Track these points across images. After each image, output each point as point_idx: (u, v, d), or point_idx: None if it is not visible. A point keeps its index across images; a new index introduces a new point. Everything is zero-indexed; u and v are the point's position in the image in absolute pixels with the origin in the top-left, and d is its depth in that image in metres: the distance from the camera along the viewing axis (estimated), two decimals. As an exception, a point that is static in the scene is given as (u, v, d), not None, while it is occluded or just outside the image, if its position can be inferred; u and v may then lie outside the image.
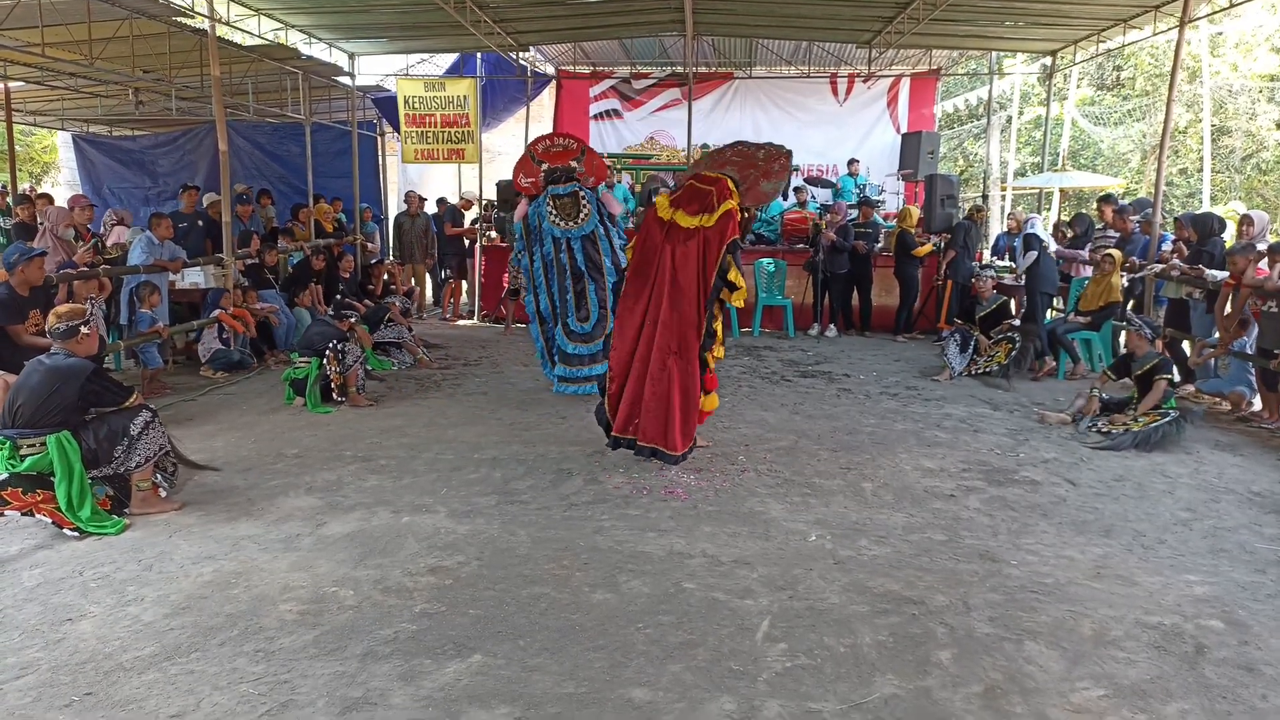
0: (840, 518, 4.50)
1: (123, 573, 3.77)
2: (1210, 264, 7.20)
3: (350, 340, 6.92)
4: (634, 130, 15.33)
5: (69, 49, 8.96)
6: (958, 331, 8.27)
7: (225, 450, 5.60)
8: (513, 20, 11.04)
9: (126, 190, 14.82)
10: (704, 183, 5.38)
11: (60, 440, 4.17)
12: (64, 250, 7.27)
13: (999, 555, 4.04)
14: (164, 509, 4.48)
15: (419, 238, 12.04)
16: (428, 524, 4.34)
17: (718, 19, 11.50)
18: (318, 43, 11.56)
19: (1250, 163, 20.07)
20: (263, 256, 9.25)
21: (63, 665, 3.03)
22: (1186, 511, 4.69)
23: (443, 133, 12.06)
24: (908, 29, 10.74)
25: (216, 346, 8.07)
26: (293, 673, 2.99)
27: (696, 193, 5.36)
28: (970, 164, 22.59)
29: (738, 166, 5.50)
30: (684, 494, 4.82)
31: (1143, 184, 19.22)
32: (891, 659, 3.12)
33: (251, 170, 14.13)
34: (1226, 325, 6.76)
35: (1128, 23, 10.05)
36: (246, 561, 3.89)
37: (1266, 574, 3.90)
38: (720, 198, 5.24)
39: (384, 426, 6.18)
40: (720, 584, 3.70)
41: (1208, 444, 6.01)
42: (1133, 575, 3.85)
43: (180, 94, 11.59)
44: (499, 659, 3.09)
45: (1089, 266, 8.79)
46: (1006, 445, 5.88)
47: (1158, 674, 3.04)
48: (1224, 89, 19.38)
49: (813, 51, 14.66)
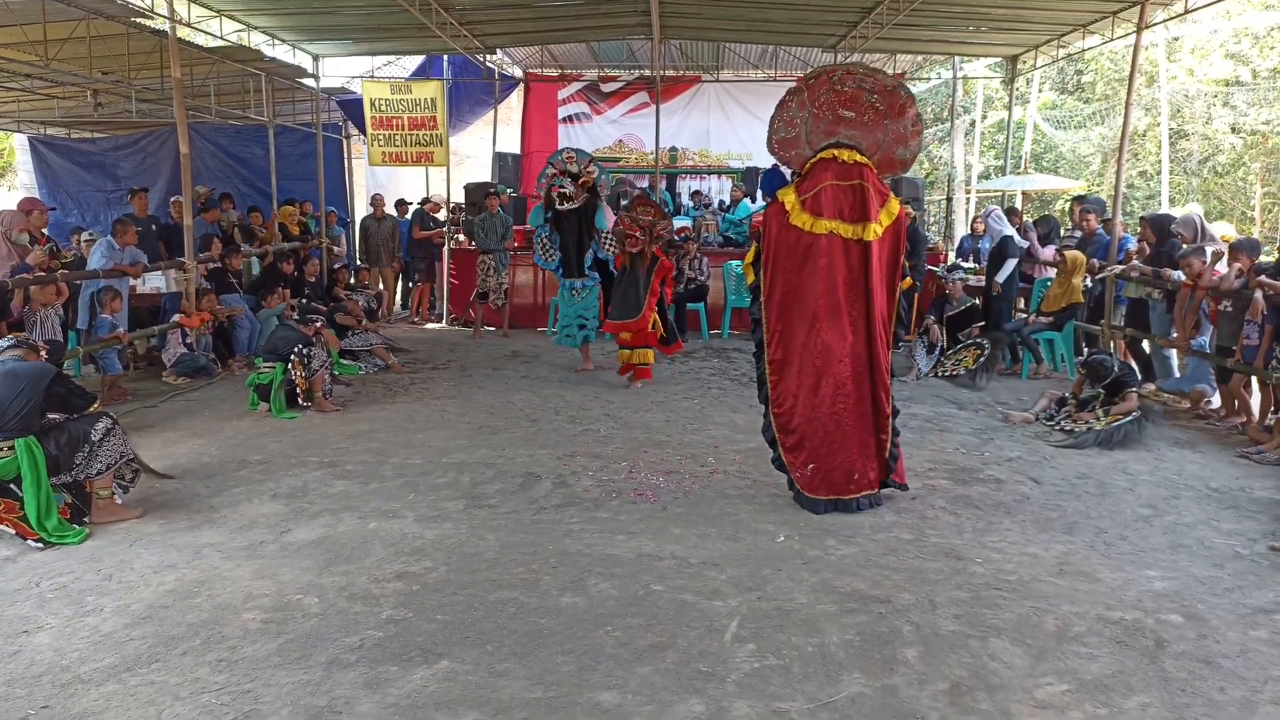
0: (808, 518, 4.51)
1: (81, 583, 3.70)
2: (1170, 265, 7.32)
3: (316, 345, 6.84)
4: (603, 133, 15.36)
5: (24, 49, 8.78)
6: (925, 335, 8.39)
7: (187, 457, 5.51)
8: (479, 23, 10.99)
9: (87, 193, 14.53)
10: (843, 176, 4.27)
11: (29, 444, 4.09)
12: (18, 255, 7.12)
13: (964, 553, 4.09)
14: (125, 516, 4.40)
15: (385, 241, 11.94)
16: (395, 529, 4.30)
17: (684, 23, 11.53)
18: (281, 44, 11.43)
19: (1207, 165, 20.49)
20: (226, 260, 9.12)
21: (18, 678, 2.96)
22: (1147, 508, 4.77)
23: (410, 135, 11.97)
24: (872, 34, 10.84)
25: (181, 351, 7.95)
26: (256, 682, 2.95)
27: (843, 191, 4.28)
28: (935, 167, 22.83)
29: (859, 128, 4.32)
30: (653, 496, 4.81)
31: (1104, 186, 19.55)
32: (858, 658, 3.14)
33: (215, 173, 13.93)
34: (1184, 326, 6.90)
35: (1087, 28, 10.22)
36: (209, 570, 3.83)
37: (1224, 568, 3.97)
38: (880, 197, 4.28)
39: (351, 431, 6.12)
40: (689, 585, 3.70)
41: (1168, 442, 6.11)
42: (1095, 571, 3.91)
43: (140, 96, 11.39)
44: (466, 665, 3.07)
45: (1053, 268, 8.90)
46: (971, 444, 5.95)
47: (1119, 668, 3.09)
48: (1181, 93, 19.77)
49: (779, 56, 14.75)
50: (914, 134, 4.33)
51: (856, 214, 4.29)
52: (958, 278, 8.61)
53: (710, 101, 15.24)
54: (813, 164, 4.35)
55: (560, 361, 8.72)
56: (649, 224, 7.40)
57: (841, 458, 4.51)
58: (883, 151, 4.36)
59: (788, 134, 4.45)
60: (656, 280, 7.43)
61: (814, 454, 4.53)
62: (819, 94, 4.35)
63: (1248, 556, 4.11)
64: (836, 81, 4.32)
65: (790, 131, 4.44)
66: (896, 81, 4.36)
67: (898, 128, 4.32)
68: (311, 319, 7.19)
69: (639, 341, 7.48)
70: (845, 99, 4.30)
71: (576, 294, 8.17)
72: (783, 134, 4.46)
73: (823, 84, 4.35)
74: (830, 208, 4.30)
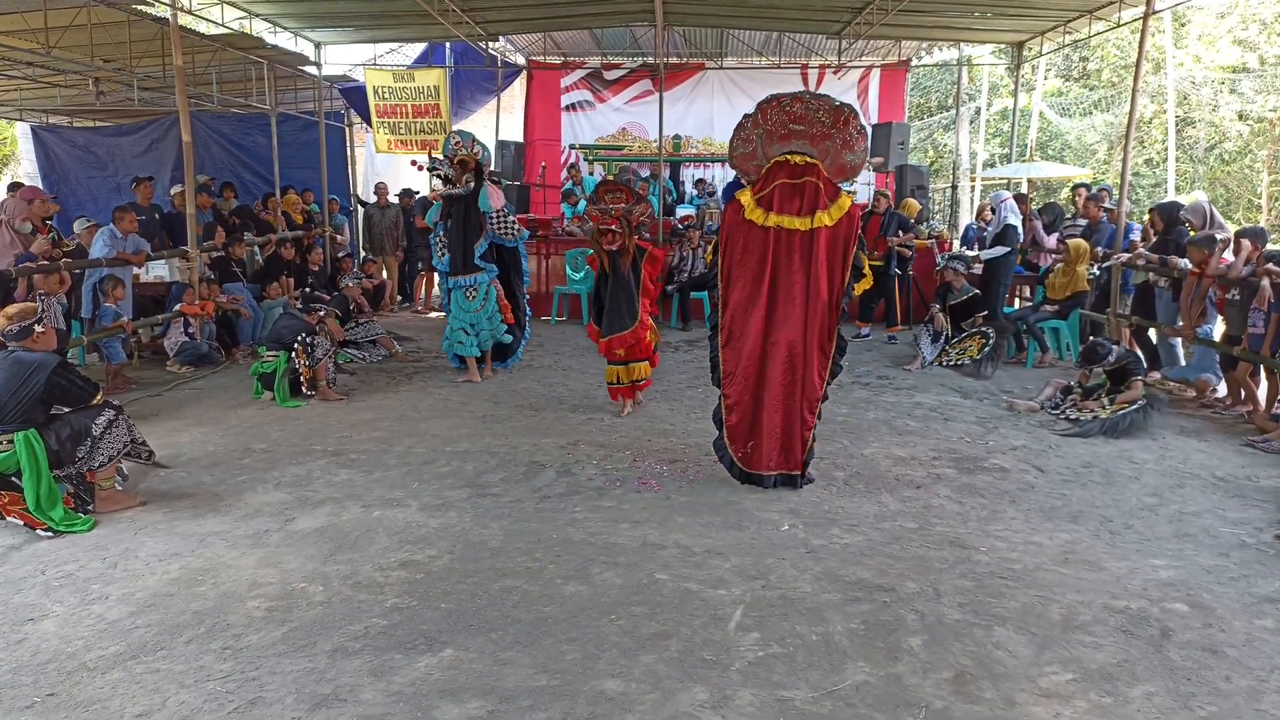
0: (812, 507, 4.52)
1: (86, 571, 3.71)
2: (1177, 252, 7.28)
3: (319, 333, 6.84)
4: (606, 121, 15.29)
5: (25, 37, 8.75)
6: (930, 323, 8.36)
7: (192, 446, 5.52)
8: (481, 9, 10.94)
9: (94, 181, 14.50)
10: (795, 175, 4.65)
11: (28, 438, 4.09)
12: (21, 244, 7.12)
13: (969, 542, 4.08)
14: (128, 504, 4.41)
15: (389, 230, 11.91)
16: (399, 518, 4.30)
17: (688, 9, 11.47)
18: (283, 32, 11.38)
19: (1213, 153, 20.40)
20: (229, 249, 9.12)
21: (24, 666, 2.97)
22: (1152, 497, 4.76)
23: (414, 123, 11.95)
24: (877, 20, 10.77)
25: (183, 339, 7.96)
26: (261, 670, 2.95)
27: (794, 189, 4.64)
28: (940, 155, 22.75)
29: (809, 139, 4.71)
30: (657, 485, 4.81)
31: (1109, 174, 19.46)
32: (863, 646, 3.14)
33: (219, 161, 13.89)
34: (1190, 314, 6.87)
35: (1093, 14, 10.14)
36: (213, 558, 3.83)
37: (1230, 557, 3.96)
38: (829, 194, 4.63)
39: (354, 420, 6.12)
40: (693, 574, 3.70)
41: (1173, 430, 6.09)
42: (1100, 560, 3.90)
43: (142, 84, 11.34)
44: (470, 653, 3.07)
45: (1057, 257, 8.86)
46: (976, 433, 5.94)
47: (1124, 657, 3.08)
48: (1187, 80, 19.67)
49: (783, 42, 14.68)
50: (859, 140, 4.72)
51: (807, 208, 4.64)
52: (960, 265, 8.57)
53: (714, 89, 15.16)
54: (768, 168, 4.74)
55: (564, 350, 8.71)
56: (623, 212, 6.04)
57: (772, 437, 4.78)
58: (832, 158, 4.71)
59: (745, 149, 4.87)
60: (647, 275, 6.22)
61: (754, 432, 4.82)
62: (770, 114, 4.77)
63: (1253, 545, 4.10)
64: (786, 105, 4.76)
65: (747, 147, 4.85)
66: (841, 102, 4.78)
67: (844, 136, 4.70)
68: (315, 308, 7.18)
69: (635, 354, 6.22)
70: (794, 117, 4.74)
71: (469, 294, 7.16)
72: (741, 150, 4.88)
73: (774, 107, 4.77)
74: (781, 204, 4.66)
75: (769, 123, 4.76)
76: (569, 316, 10.76)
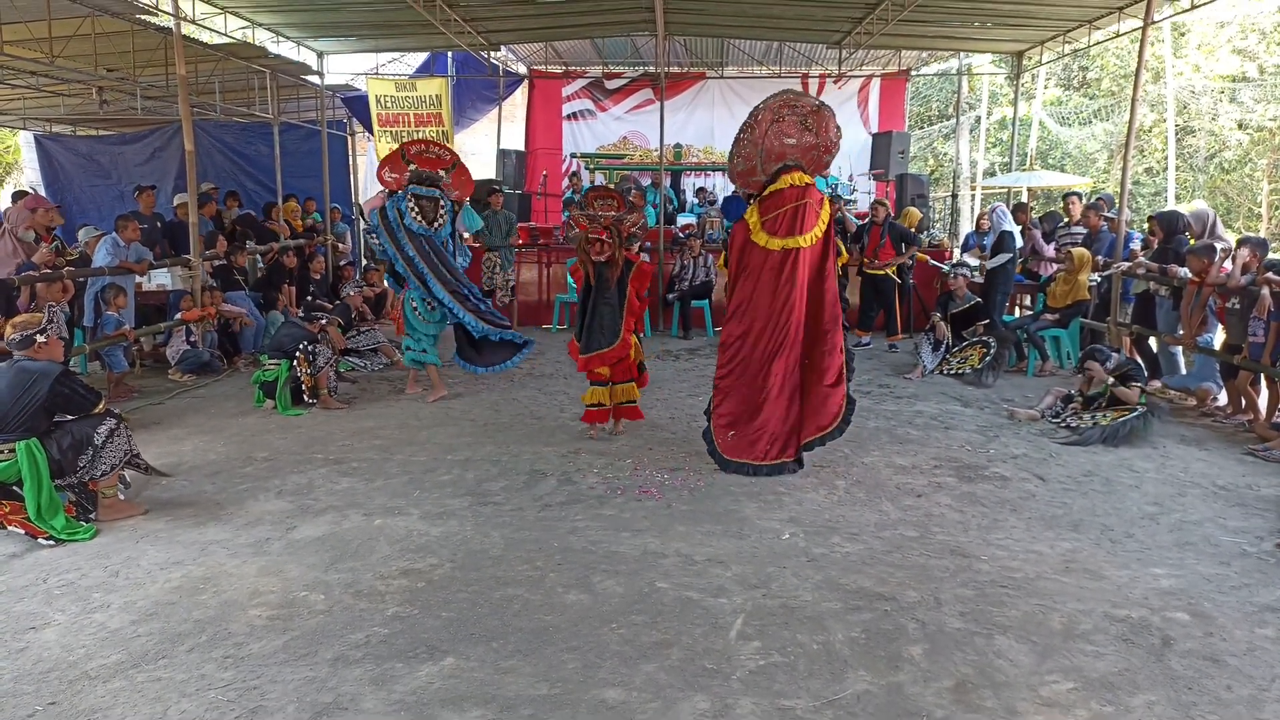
0: (813, 515, 4.52)
1: (88, 579, 3.71)
2: (1177, 261, 7.30)
3: (321, 342, 6.85)
4: (607, 130, 15.35)
5: (29, 47, 8.80)
6: (932, 332, 8.37)
7: (193, 454, 5.53)
8: (483, 19, 10.99)
9: (97, 190, 14.55)
10: (796, 199, 5.11)
11: (30, 447, 4.10)
12: (24, 252, 7.13)
13: (969, 551, 4.08)
14: (130, 513, 4.41)
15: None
16: (400, 526, 4.31)
17: (688, 19, 11.52)
18: (285, 41, 11.44)
19: (1213, 162, 20.43)
20: (231, 257, 9.14)
21: (25, 674, 2.98)
22: (1153, 506, 4.76)
23: (416, 132, 11.96)
24: (877, 29, 10.82)
25: (185, 347, 7.97)
26: (262, 678, 2.95)
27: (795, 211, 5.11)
28: (940, 163, 22.80)
29: (799, 152, 5.22)
30: (658, 493, 4.82)
31: (1109, 183, 19.49)
32: (864, 655, 3.14)
33: (222, 170, 13.93)
34: (1191, 323, 6.88)
35: (1093, 23, 10.18)
36: (215, 566, 3.84)
37: (1231, 566, 3.96)
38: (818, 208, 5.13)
39: (356, 428, 6.13)
40: (694, 583, 3.70)
41: (1174, 439, 6.10)
42: (1101, 569, 3.90)
43: (145, 93, 11.41)
44: (472, 661, 3.07)
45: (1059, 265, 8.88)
46: (977, 442, 5.94)
47: (1125, 666, 3.08)
48: (1187, 89, 19.72)
49: (784, 52, 14.74)
50: (836, 141, 5.26)
51: (803, 228, 5.14)
52: (962, 273, 8.59)
53: (715, 98, 15.22)
54: (769, 196, 5.21)
55: (565, 358, 8.72)
56: (613, 221, 5.75)
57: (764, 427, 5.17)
58: (814, 160, 5.28)
59: (745, 166, 5.36)
60: (633, 292, 5.81)
61: (745, 423, 5.22)
62: (765, 128, 5.25)
63: (1255, 554, 4.10)
64: (776, 117, 5.24)
65: (747, 164, 5.35)
66: (819, 102, 5.31)
67: (825, 140, 5.23)
68: (316, 316, 7.19)
69: (621, 375, 5.90)
70: (786, 128, 5.23)
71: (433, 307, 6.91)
72: (741, 167, 5.38)
73: (767, 119, 5.24)
74: (783, 228, 5.15)
75: (765, 140, 5.25)
76: (569, 325, 10.76)
